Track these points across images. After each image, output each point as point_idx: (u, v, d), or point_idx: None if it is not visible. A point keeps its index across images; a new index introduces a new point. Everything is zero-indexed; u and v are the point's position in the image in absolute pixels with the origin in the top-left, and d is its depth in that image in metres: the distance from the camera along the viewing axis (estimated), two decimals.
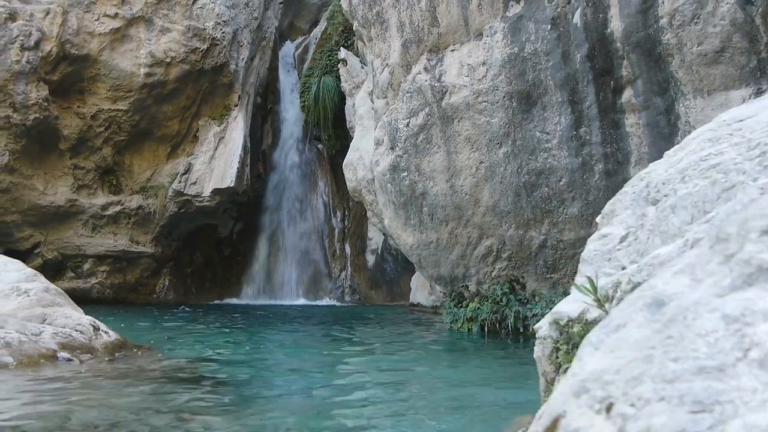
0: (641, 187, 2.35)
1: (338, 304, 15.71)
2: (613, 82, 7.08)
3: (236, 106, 15.74)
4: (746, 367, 0.91)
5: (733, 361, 0.92)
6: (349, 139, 13.63)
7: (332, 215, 17.40)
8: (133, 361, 5.62)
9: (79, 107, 14.31)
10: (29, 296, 5.75)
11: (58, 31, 13.43)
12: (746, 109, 2.53)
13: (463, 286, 9.32)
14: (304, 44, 18.87)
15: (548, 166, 7.73)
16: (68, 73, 13.89)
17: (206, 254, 17.05)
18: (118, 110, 14.45)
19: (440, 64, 8.61)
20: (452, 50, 8.55)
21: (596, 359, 1.11)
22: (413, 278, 13.20)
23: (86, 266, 14.78)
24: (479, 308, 8.59)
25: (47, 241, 14.33)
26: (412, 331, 9.20)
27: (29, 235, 14.10)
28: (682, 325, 1.00)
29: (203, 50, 14.83)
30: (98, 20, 14.00)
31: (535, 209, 8.00)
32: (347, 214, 17.27)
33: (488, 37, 8.06)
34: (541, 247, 8.19)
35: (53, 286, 6.31)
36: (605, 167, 7.33)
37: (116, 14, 14.12)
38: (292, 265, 16.86)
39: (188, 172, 15.12)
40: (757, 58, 5.89)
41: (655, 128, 6.85)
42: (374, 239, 16.30)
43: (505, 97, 7.90)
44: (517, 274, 8.64)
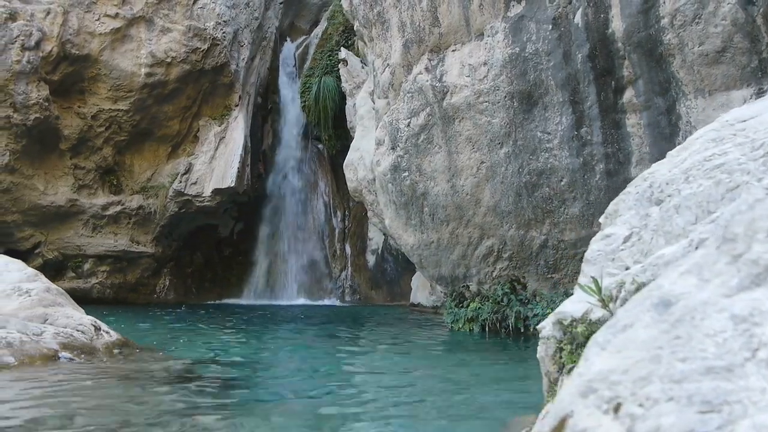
0: (645, 187, 2.35)
1: (338, 304, 15.70)
2: (614, 82, 7.08)
3: (237, 106, 15.74)
4: (755, 367, 0.91)
5: (741, 361, 0.92)
6: (349, 139, 13.63)
7: (333, 215, 17.40)
8: (134, 361, 5.61)
9: (79, 107, 14.31)
10: (31, 296, 5.75)
11: (58, 31, 13.43)
12: (749, 109, 2.53)
13: (464, 286, 9.32)
14: (304, 44, 18.87)
15: (549, 166, 7.73)
16: (69, 73, 13.89)
17: (206, 254, 17.05)
18: (118, 110, 14.45)
19: (441, 64, 8.61)
20: (453, 50, 8.55)
21: (603, 359, 1.11)
22: (414, 278, 13.20)
23: (87, 266, 14.78)
24: (480, 308, 8.59)
25: (48, 241, 14.33)
26: (413, 331, 9.20)
27: (30, 235, 14.10)
28: (690, 325, 1.00)
29: (204, 50, 14.83)
30: (99, 20, 14.00)
31: (536, 209, 8.00)
32: (347, 214, 17.27)
33: (489, 37, 8.06)
34: (542, 247, 8.19)
35: (54, 286, 6.31)
36: (606, 167, 7.33)
37: (117, 14, 14.12)
38: (292, 265, 16.86)
39: (189, 172, 15.12)
40: (758, 58, 5.90)
41: (656, 128, 6.85)
42: (375, 239, 16.30)
43: (506, 97, 7.90)
44: (518, 274, 8.64)
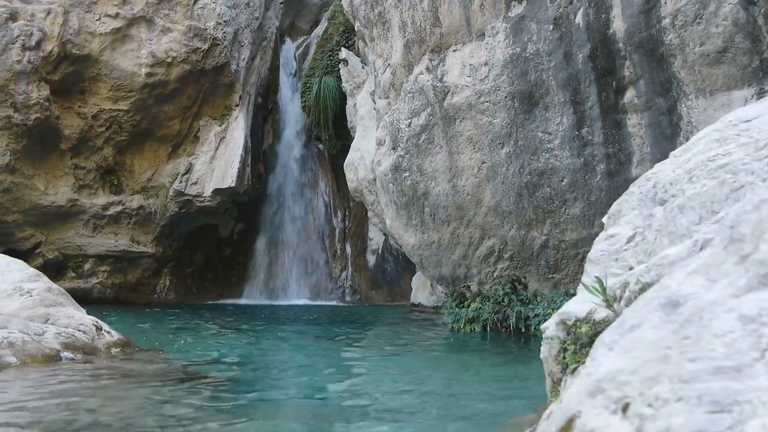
0: (648, 187, 2.35)
1: (339, 304, 15.69)
2: (615, 82, 7.08)
3: (237, 106, 15.74)
4: (764, 367, 0.91)
5: (750, 361, 0.92)
6: (349, 139, 13.63)
7: (333, 215, 17.40)
8: (135, 361, 5.61)
9: (80, 107, 14.30)
10: (32, 296, 5.75)
11: (59, 31, 13.43)
12: (752, 109, 2.53)
13: (464, 286, 9.32)
14: (305, 44, 18.86)
15: (550, 166, 7.73)
16: (69, 73, 13.89)
17: (207, 254, 17.04)
18: (119, 110, 14.45)
19: (442, 64, 8.61)
20: (454, 50, 8.55)
21: (611, 359, 1.11)
22: (414, 278, 13.19)
23: (87, 266, 14.78)
24: (481, 308, 8.59)
25: (48, 241, 14.32)
26: (413, 331, 9.20)
27: (30, 234, 14.10)
28: (698, 325, 1.00)
29: (204, 50, 14.83)
30: (99, 20, 14.00)
31: (536, 209, 8.00)
32: (348, 214, 17.27)
33: (490, 37, 8.06)
34: (542, 247, 8.19)
35: (56, 285, 6.31)
36: (607, 167, 7.33)
37: (117, 14, 14.11)
38: (292, 265, 16.86)
39: (189, 172, 15.11)
40: (759, 58, 5.90)
41: (657, 128, 6.85)
42: (375, 239, 16.30)
43: (507, 97, 7.90)
44: (518, 274, 8.64)
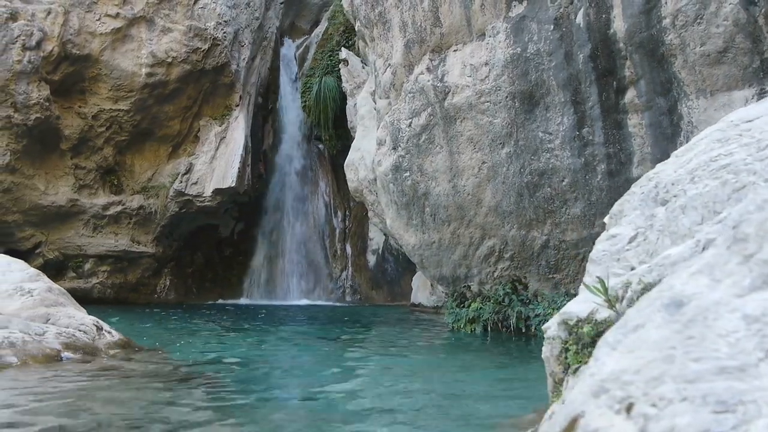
0: (650, 187, 2.35)
1: (339, 304, 15.69)
2: (615, 82, 7.08)
3: (237, 106, 15.74)
4: None
5: (755, 361, 0.92)
6: (350, 139, 13.63)
7: (333, 215, 17.40)
8: (136, 361, 5.61)
9: (80, 107, 14.30)
10: (33, 296, 5.75)
11: (59, 30, 13.43)
12: (754, 109, 2.53)
13: (465, 286, 9.32)
14: (305, 44, 18.87)
15: (551, 166, 7.73)
16: (69, 73, 13.89)
17: (207, 254, 17.05)
18: (119, 110, 14.45)
19: (443, 64, 8.61)
20: (455, 50, 8.55)
21: (614, 359, 1.11)
22: (414, 278, 13.19)
23: (87, 266, 14.78)
24: (481, 308, 8.59)
25: (48, 240, 14.32)
26: (414, 331, 9.20)
27: (30, 234, 14.10)
28: (702, 325, 1.00)
29: (204, 50, 14.83)
30: (99, 20, 14.00)
31: (537, 209, 8.00)
32: (348, 214, 17.27)
33: (491, 37, 8.06)
34: (543, 247, 8.19)
35: (56, 285, 6.31)
36: (608, 167, 7.33)
37: (117, 14, 14.11)
38: (293, 265, 16.86)
39: (189, 172, 15.11)
40: (760, 58, 5.90)
41: (657, 128, 6.85)
42: (375, 239, 16.30)
43: (507, 97, 7.90)
44: (519, 274, 8.64)
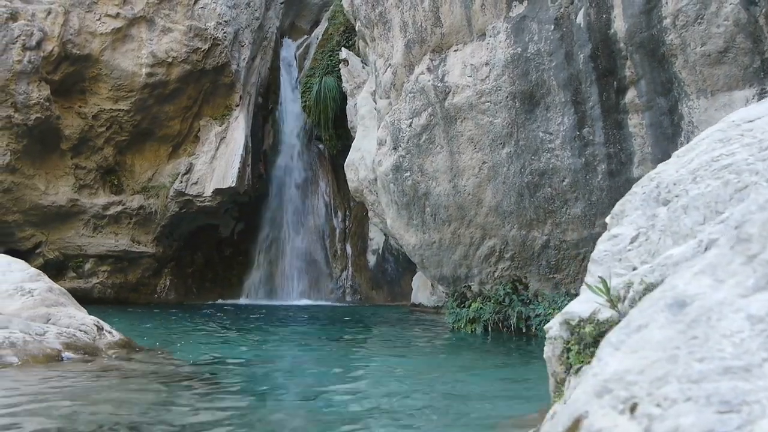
0: (652, 187, 2.35)
1: (339, 304, 15.69)
2: (616, 82, 7.08)
3: (237, 106, 15.74)
4: None
5: (759, 361, 0.92)
6: (350, 139, 13.62)
7: (333, 215, 17.40)
8: (136, 361, 5.61)
9: (80, 107, 14.30)
10: (33, 296, 5.75)
11: (59, 30, 13.43)
12: (755, 109, 2.53)
13: (465, 286, 9.32)
14: (305, 44, 18.87)
15: (551, 166, 7.73)
16: (70, 73, 13.89)
17: (207, 254, 17.05)
18: (119, 110, 14.45)
19: (443, 64, 8.61)
20: (455, 50, 8.55)
21: (618, 359, 1.11)
22: (414, 278, 13.19)
23: (87, 266, 14.78)
24: (482, 308, 8.59)
25: (48, 240, 14.32)
26: (414, 331, 9.20)
27: (31, 234, 14.10)
28: (706, 325, 1.00)
29: (205, 50, 14.83)
30: (100, 20, 14.00)
31: (537, 209, 8.00)
32: (348, 214, 17.27)
33: (491, 37, 8.06)
34: (543, 247, 8.19)
35: (57, 285, 6.31)
36: (608, 167, 7.33)
37: (118, 14, 14.11)
38: (293, 265, 16.86)
39: (189, 172, 15.11)
40: (760, 58, 5.90)
41: (658, 128, 6.85)
42: (375, 239, 16.30)
43: (508, 97, 7.90)
44: (519, 274, 8.64)
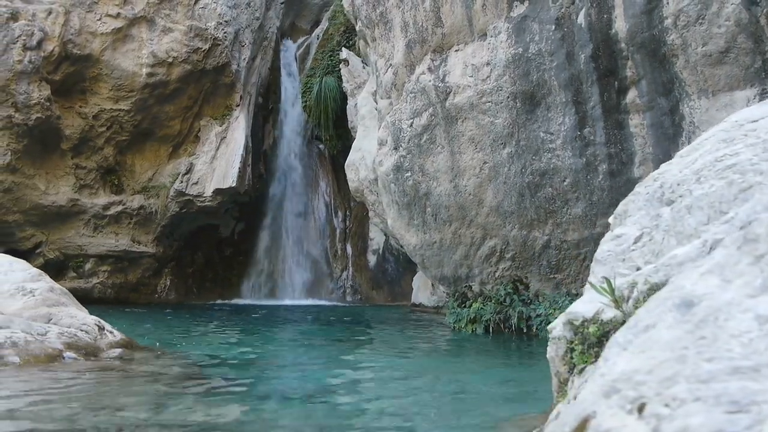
0: (655, 187, 2.35)
1: (339, 304, 15.68)
2: (617, 82, 7.08)
3: (238, 106, 15.74)
4: None
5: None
6: (350, 139, 13.63)
7: (333, 215, 17.40)
8: (138, 361, 5.61)
9: (81, 107, 14.30)
10: (34, 296, 5.74)
11: (60, 30, 13.42)
12: (758, 109, 2.53)
13: (466, 286, 9.32)
14: (305, 44, 18.87)
15: (552, 166, 7.73)
16: (70, 72, 13.89)
17: (207, 254, 17.05)
18: (119, 110, 14.45)
19: (444, 64, 8.61)
20: (456, 50, 8.55)
21: (625, 359, 1.11)
22: (415, 278, 13.19)
23: (88, 266, 14.77)
24: (483, 308, 8.59)
25: (49, 240, 14.32)
26: (415, 331, 9.20)
27: (31, 234, 14.09)
28: (714, 325, 1.00)
29: (205, 50, 14.83)
30: (100, 20, 14.00)
31: (538, 209, 8.00)
32: (349, 214, 17.27)
33: (492, 37, 8.06)
34: (544, 247, 8.19)
35: (58, 285, 6.31)
36: (609, 168, 7.33)
37: (118, 14, 14.11)
38: (293, 265, 16.86)
39: (190, 172, 15.11)
40: (761, 58, 5.90)
41: (659, 129, 6.86)
42: (376, 239, 16.30)
43: (509, 97, 7.90)
44: (520, 274, 8.64)
